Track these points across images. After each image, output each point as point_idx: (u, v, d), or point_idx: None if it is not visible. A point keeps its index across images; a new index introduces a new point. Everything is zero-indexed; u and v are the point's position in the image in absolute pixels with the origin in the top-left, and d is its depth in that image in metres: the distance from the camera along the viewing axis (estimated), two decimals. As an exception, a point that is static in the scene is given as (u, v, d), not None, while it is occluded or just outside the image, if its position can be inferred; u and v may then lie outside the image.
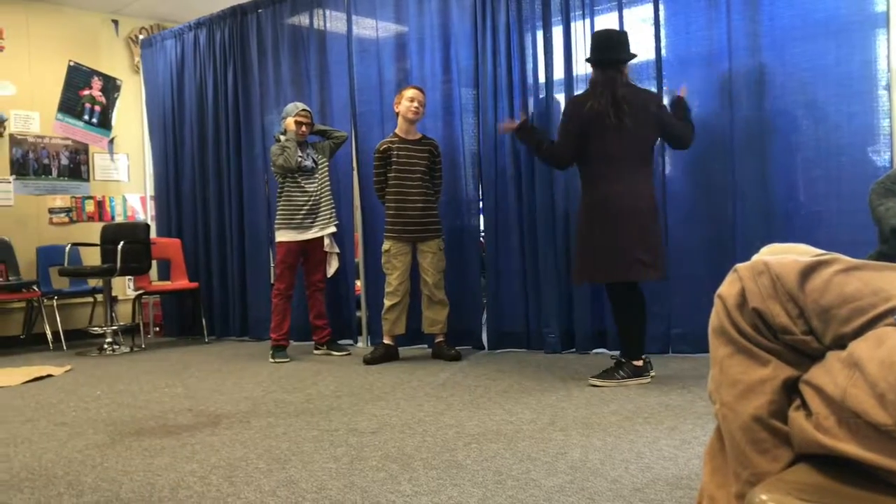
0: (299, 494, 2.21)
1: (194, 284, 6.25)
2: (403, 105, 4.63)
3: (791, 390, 1.15)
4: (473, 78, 4.92)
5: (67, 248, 6.04)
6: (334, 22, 5.53)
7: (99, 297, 6.42)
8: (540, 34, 4.70)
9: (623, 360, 3.68)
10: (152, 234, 6.33)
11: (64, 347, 5.94)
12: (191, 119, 6.40)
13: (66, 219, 6.77)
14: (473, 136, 4.96)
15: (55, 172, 6.73)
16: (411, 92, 4.65)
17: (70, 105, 6.49)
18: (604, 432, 2.76)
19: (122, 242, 5.69)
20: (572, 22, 4.59)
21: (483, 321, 5.07)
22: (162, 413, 3.42)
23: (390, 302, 4.65)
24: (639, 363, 3.67)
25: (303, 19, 5.68)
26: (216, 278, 6.27)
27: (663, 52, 4.32)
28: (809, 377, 1.11)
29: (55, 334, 6.00)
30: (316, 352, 5.12)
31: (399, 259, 4.65)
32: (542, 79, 4.70)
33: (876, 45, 3.77)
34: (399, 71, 5.24)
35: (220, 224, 6.24)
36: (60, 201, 6.75)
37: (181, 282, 6.31)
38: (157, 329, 6.78)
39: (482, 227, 5.04)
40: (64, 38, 6.78)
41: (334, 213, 5.09)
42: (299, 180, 4.92)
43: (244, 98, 6.02)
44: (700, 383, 3.51)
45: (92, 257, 6.40)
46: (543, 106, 4.70)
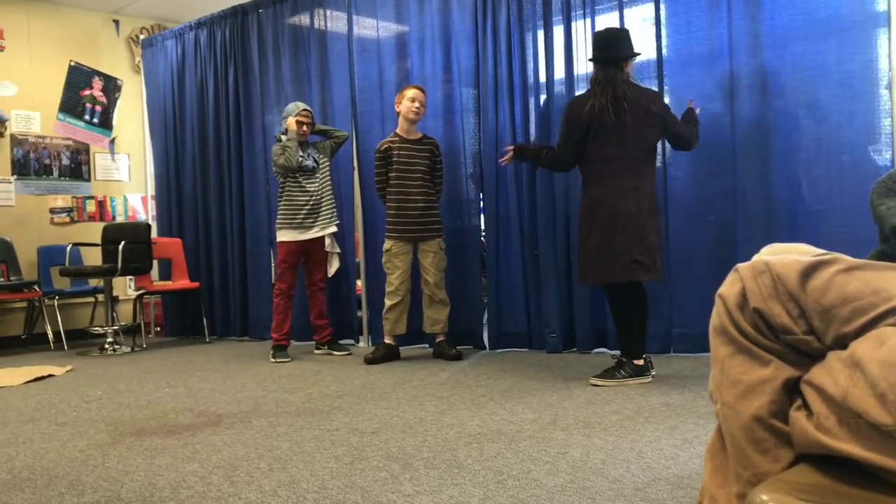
0: (300, 494, 2.21)
1: (195, 284, 6.25)
2: (404, 105, 4.63)
3: (792, 390, 1.15)
4: (474, 77, 4.92)
5: (68, 248, 6.04)
6: (335, 22, 5.53)
7: (100, 297, 6.42)
8: (541, 34, 4.70)
9: (624, 360, 3.68)
10: (153, 234, 6.33)
11: (65, 347, 5.94)
12: (191, 119, 6.40)
13: (67, 219, 6.77)
14: (474, 136, 4.96)
15: (56, 172, 6.73)
16: (412, 92, 4.64)
17: (71, 105, 6.50)
18: (605, 432, 2.76)
19: (123, 242, 5.70)
20: (573, 21, 4.59)
21: (484, 321, 5.08)
22: (163, 413, 3.42)
23: (391, 301, 4.65)
24: (640, 362, 3.67)
25: (303, 19, 5.68)
26: (217, 278, 6.28)
27: (664, 52, 4.32)
28: (810, 377, 1.11)
29: (56, 334, 6.01)
30: (317, 351, 5.12)
31: (400, 258, 4.65)
32: (543, 78, 4.70)
33: (877, 45, 3.77)
34: (400, 70, 5.24)
35: (221, 224, 6.24)
36: (61, 201, 6.75)
37: (182, 282, 6.32)
38: (158, 329, 6.79)
39: (483, 227, 5.05)
40: (65, 38, 6.78)
41: (335, 213, 5.09)
42: (300, 180, 4.92)
43: (245, 98, 6.02)
44: (701, 383, 3.51)
45: (93, 257, 6.40)
46: (544, 105, 4.70)
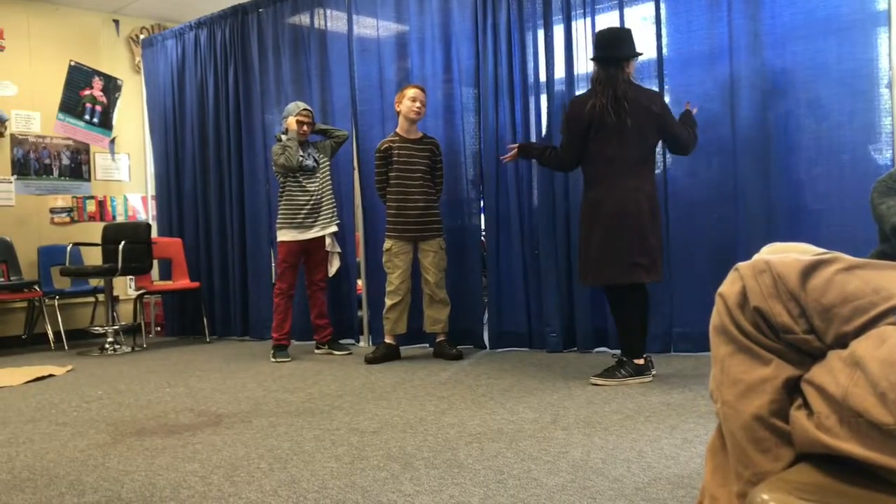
0: (300, 494, 2.21)
1: (195, 284, 6.25)
2: (405, 105, 4.63)
3: (792, 389, 1.15)
4: (474, 77, 4.92)
5: (69, 248, 6.04)
6: (335, 21, 5.53)
7: (100, 297, 6.43)
8: (541, 33, 4.70)
9: (624, 359, 3.68)
10: (153, 234, 6.33)
11: (65, 347, 5.94)
12: (192, 119, 6.40)
13: (68, 219, 6.77)
14: (474, 136, 4.96)
15: (56, 172, 6.73)
16: (413, 91, 4.64)
17: (71, 105, 6.50)
18: (605, 431, 2.76)
19: (124, 242, 5.70)
20: (573, 21, 4.59)
21: (484, 320, 5.07)
22: (163, 413, 3.42)
23: (391, 301, 4.65)
24: (640, 362, 3.67)
25: (303, 19, 5.68)
26: (217, 278, 6.28)
27: (664, 51, 4.32)
28: (811, 376, 1.11)
29: (56, 334, 6.01)
30: (317, 351, 5.12)
31: (400, 258, 4.64)
32: (543, 78, 4.70)
33: (877, 44, 3.77)
34: (400, 70, 5.24)
35: (222, 223, 6.24)
36: (62, 201, 6.75)
37: (182, 281, 6.32)
38: (159, 329, 6.79)
39: (483, 227, 5.05)
40: (65, 38, 6.78)
41: (336, 213, 5.09)
42: (301, 180, 4.92)
43: (245, 97, 6.02)
44: (701, 382, 3.51)
45: (93, 257, 6.40)
46: (544, 105, 4.70)
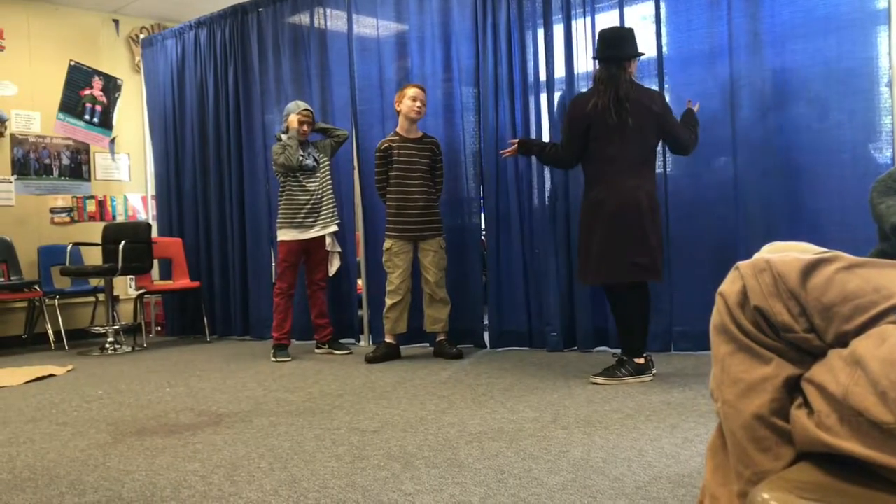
0: (301, 493, 2.21)
1: (196, 284, 6.25)
2: (405, 104, 4.62)
3: (793, 388, 1.15)
4: (474, 76, 4.91)
5: (69, 248, 6.04)
6: (335, 21, 5.53)
7: (101, 297, 6.43)
8: (541, 32, 4.70)
9: (625, 358, 3.68)
10: (154, 234, 6.33)
11: (66, 347, 5.94)
12: (191, 118, 6.40)
13: (68, 218, 6.77)
14: (474, 135, 4.96)
15: (56, 172, 6.73)
16: (413, 91, 4.63)
17: (71, 105, 6.50)
18: (606, 430, 2.76)
19: (124, 242, 5.70)
20: (573, 20, 4.58)
21: (485, 319, 5.07)
22: (164, 412, 3.42)
23: (391, 301, 4.65)
24: (640, 361, 3.67)
25: (303, 18, 5.68)
26: (218, 277, 6.28)
27: (664, 50, 4.32)
28: (811, 375, 1.11)
29: (57, 334, 6.00)
30: (317, 351, 5.12)
31: (400, 257, 4.64)
32: (543, 77, 4.70)
33: (877, 42, 3.77)
34: (400, 69, 5.24)
35: (222, 223, 6.24)
36: (62, 201, 6.75)
37: (183, 281, 6.32)
38: (159, 328, 6.79)
39: (483, 226, 5.05)
40: (64, 38, 6.78)
41: (336, 212, 5.08)
42: (301, 179, 4.92)
43: (245, 97, 6.02)
44: (702, 381, 3.51)
45: (93, 257, 6.40)
46: (544, 104, 4.70)
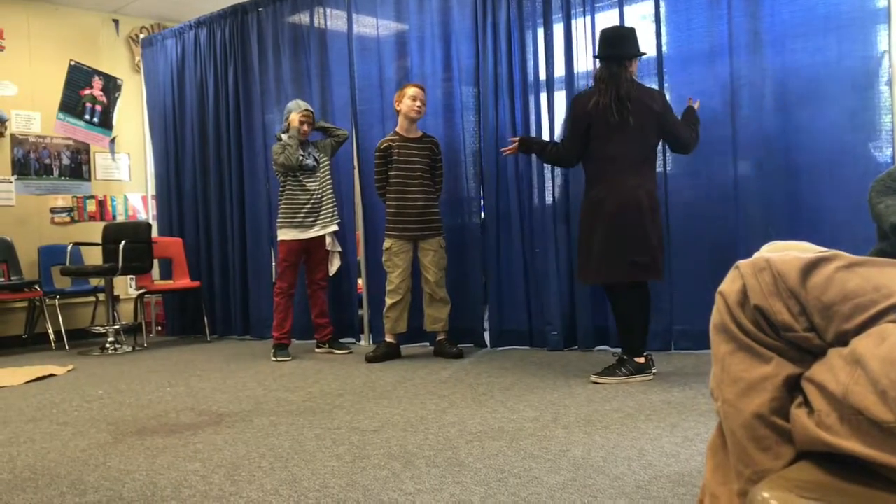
0: (301, 493, 2.21)
1: (196, 283, 6.25)
2: (405, 104, 4.62)
3: (793, 387, 1.15)
4: (474, 76, 4.91)
5: (69, 248, 6.04)
6: (335, 20, 5.53)
7: (101, 297, 6.43)
8: (541, 32, 4.69)
9: (625, 357, 3.68)
10: (154, 234, 6.33)
11: (66, 347, 5.94)
12: (192, 118, 6.40)
13: (68, 218, 6.77)
14: (474, 134, 4.95)
15: (56, 172, 6.73)
16: (413, 90, 4.63)
17: (71, 105, 6.50)
18: (606, 429, 2.76)
19: (124, 242, 5.70)
20: (573, 19, 4.58)
21: (485, 319, 5.07)
22: (164, 412, 3.42)
23: (391, 300, 4.65)
24: (641, 360, 3.67)
25: (303, 18, 5.68)
26: (218, 277, 6.28)
27: (664, 49, 4.32)
28: (811, 374, 1.11)
29: (57, 334, 6.00)
30: (318, 350, 5.12)
31: (400, 257, 4.64)
32: (543, 76, 4.70)
33: (877, 41, 3.77)
34: (400, 69, 5.24)
35: (222, 223, 6.24)
36: (62, 201, 6.75)
37: (183, 281, 6.32)
38: (159, 328, 6.79)
39: (484, 225, 5.04)
40: (64, 38, 6.78)
41: (336, 212, 5.08)
42: (301, 179, 4.92)
43: (245, 97, 6.02)
44: (702, 380, 3.51)
45: (94, 257, 6.40)
46: (544, 103, 4.70)
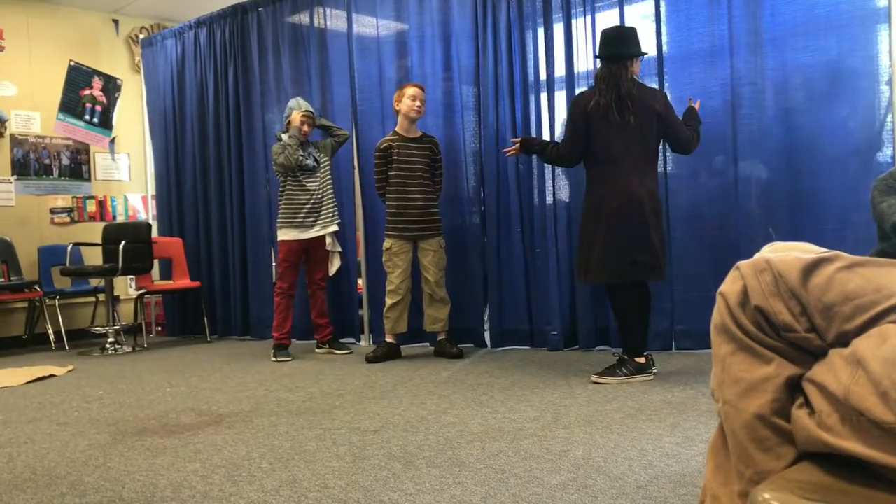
0: (302, 493, 2.21)
1: (196, 284, 6.25)
2: (405, 104, 4.62)
3: (794, 388, 1.15)
4: (474, 75, 4.91)
5: (69, 248, 6.04)
6: (335, 20, 5.52)
7: (101, 297, 6.43)
8: (541, 31, 4.69)
9: (626, 357, 3.68)
10: (154, 234, 6.33)
11: (66, 347, 5.94)
12: (192, 118, 6.40)
13: (68, 219, 6.77)
14: (475, 134, 4.95)
15: (56, 172, 6.73)
16: (413, 90, 4.63)
17: (71, 105, 6.49)
18: (606, 430, 2.76)
19: (124, 242, 5.69)
20: (573, 19, 4.58)
21: (485, 319, 5.07)
22: (164, 412, 3.42)
23: (391, 300, 4.65)
24: (641, 360, 3.66)
25: (303, 18, 5.68)
26: (218, 277, 6.27)
27: (665, 49, 4.32)
28: (812, 375, 1.11)
29: (57, 334, 6.00)
30: (318, 350, 5.12)
31: (400, 257, 4.64)
32: (544, 76, 4.69)
33: (877, 41, 3.77)
34: (400, 69, 5.24)
35: (222, 223, 6.24)
36: (62, 201, 6.75)
37: (183, 281, 6.32)
38: (160, 328, 6.79)
39: (484, 225, 5.04)
40: (64, 38, 6.78)
41: (336, 212, 5.08)
42: (301, 179, 4.91)
43: (245, 97, 6.01)
44: (703, 380, 3.50)
45: (94, 257, 6.40)
46: (545, 103, 4.70)
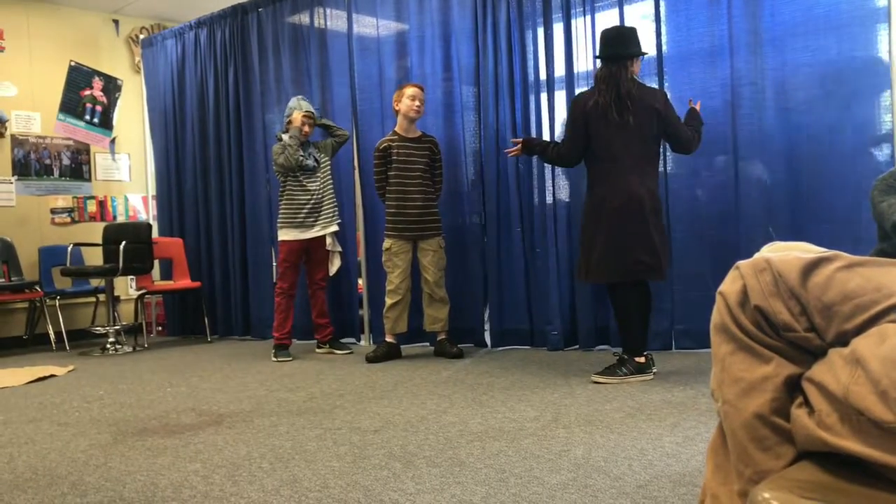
0: (302, 493, 2.21)
1: (196, 284, 6.25)
2: (405, 104, 4.62)
3: (793, 387, 1.15)
4: (474, 75, 4.91)
5: (69, 249, 6.04)
6: (335, 20, 5.52)
7: (101, 297, 6.43)
8: (541, 31, 4.69)
9: (626, 357, 3.68)
10: (154, 234, 6.33)
11: (67, 347, 5.94)
12: (192, 118, 6.40)
13: (68, 219, 6.78)
14: (475, 134, 4.95)
15: (57, 173, 6.73)
16: (412, 90, 4.63)
17: (71, 105, 6.50)
18: (606, 429, 2.76)
19: (125, 242, 5.70)
20: (573, 19, 4.58)
21: (485, 319, 5.07)
22: (165, 413, 3.42)
23: (391, 300, 4.65)
24: (641, 360, 3.67)
25: (303, 18, 5.68)
26: (218, 277, 6.28)
27: (664, 49, 4.32)
28: (812, 374, 1.11)
29: (58, 334, 6.00)
30: (318, 350, 5.12)
31: (400, 257, 4.64)
32: (544, 76, 4.69)
33: (877, 40, 3.77)
34: (400, 69, 5.24)
35: (222, 223, 6.24)
36: (62, 201, 6.75)
37: (183, 281, 6.32)
38: (160, 329, 6.79)
39: (484, 225, 5.04)
40: (64, 39, 6.78)
41: (337, 212, 5.08)
42: (301, 179, 4.92)
43: (245, 97, 6.02)
44: (703, 380, 3.51)
45: (94, 257, 6.41)
46: (545, 103, 4.70)
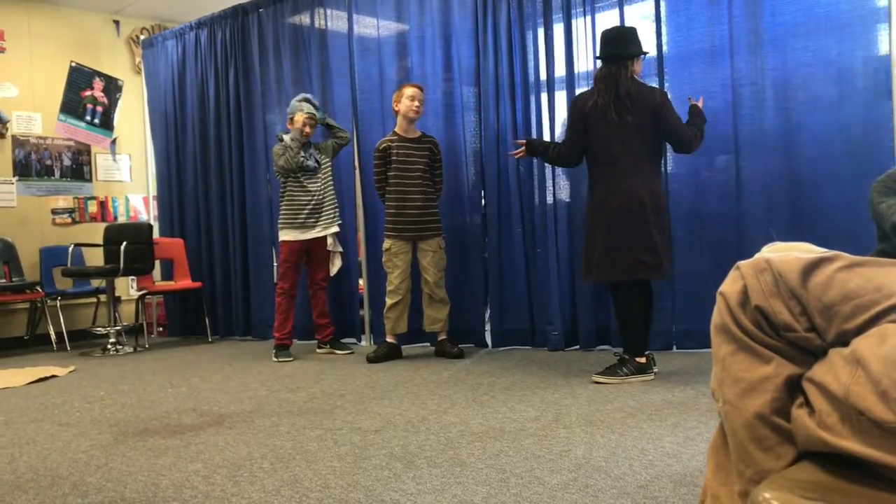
0: (303, 493, 2.21)
1: (197, 284, 6.26)
2: (404, 104, 4.62)
3: (794, 388, 1.15)
4: (475, 76, 4.91)
5: (70, 249, 6.04)
6: (335, 21, 5.53)
7: (102, 298, 6.43)
8: (541, 32, 4.69)
9: (626, 357, 3.68)
10: (155, 235, 6.34)
11: (68, 348, 5.94)
12: (192, 119, 6.40)
13: (69, 219, 6.78)
14: (475, 134, 4.95)
15: (57, 173, 6.73)
16: (412, 90, 4.63)
17: (72, 106, 6.50)
18: (607, 429, 2.77)
19: (125, 243, 5.70)
20: (573, 19, 4.58)
21: (486, 319, 5.07)
22: (166, 413, 3.42)
23: (391, 301, 4.65)
24: (642, 360, 3.67)
25: (304, 18, 5.69)
26: (219, 278, 6.28)
27: (665, 49, 4.32)
28: (812, 374, 1.11)
29: (59, 335, 6.00)
30: (319, 350, 5.13)
31: (400, 258, 4.64)
32: (544, 76, 4.70)
33: (877, 40, 3.77)
34: (400, 69, 5.24)
35: (223, 223, 6.24)
36: (63, 202, 6.76)
37: (184, 282, 6.32)
38: (161, 329, 6.79)
39: (485, 225, 5.04)
40: (65, 39, 6.78)
41: (338, 213, 5.08)
42: (302, 180, 4.92)
43: (246, 97, 6.02)
44: (704, 380, 3.51)
45: (95, 258, 6.41)
46: (545, 103, 4.70)
